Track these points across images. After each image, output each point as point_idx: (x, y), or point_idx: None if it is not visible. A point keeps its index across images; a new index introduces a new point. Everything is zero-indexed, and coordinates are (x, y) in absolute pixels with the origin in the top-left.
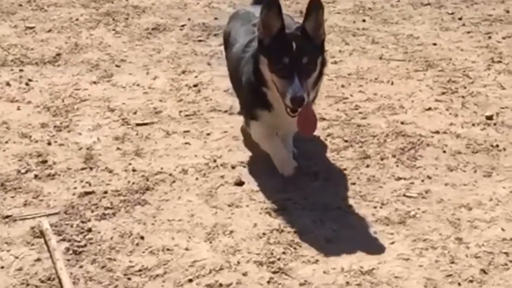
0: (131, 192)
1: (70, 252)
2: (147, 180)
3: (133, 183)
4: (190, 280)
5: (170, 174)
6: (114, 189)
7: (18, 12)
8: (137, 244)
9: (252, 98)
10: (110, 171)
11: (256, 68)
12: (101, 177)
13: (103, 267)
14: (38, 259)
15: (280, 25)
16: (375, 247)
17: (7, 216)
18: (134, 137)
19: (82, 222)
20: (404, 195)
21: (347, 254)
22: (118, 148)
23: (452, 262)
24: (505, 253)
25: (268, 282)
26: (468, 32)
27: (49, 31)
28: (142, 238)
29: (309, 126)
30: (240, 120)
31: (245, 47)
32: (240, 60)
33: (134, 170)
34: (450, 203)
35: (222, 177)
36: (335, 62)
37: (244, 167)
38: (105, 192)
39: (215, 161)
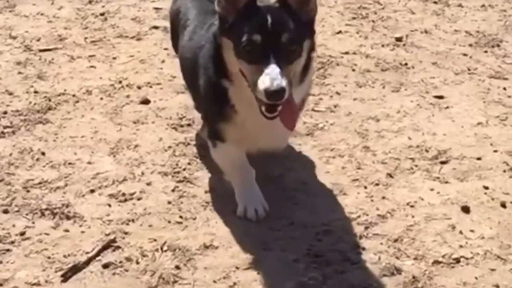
0: (32, 112)
1: None
2: (49, 100)
3: (35, 103)
4: (92, 191)
5: (74, 95)
6: (15, 110)
7: None
8: (37, 160)
9: (212, 104)
10: (10, 93)
11: (217, 56)
12: (1, 99)
13: (0, 181)
14: None
15: None
16: (281, 156)
17: None
18: (37, 62)
19: None
20: (313, 110)
21: (255, 163)
22: (19, 72)
23: (359, 168)
24: (411, 158)
25: (173, 190)
26: None
27: None
28: (43, 154)
29: (292, 119)
30: (149, 44)
31: (203, 31)
32: (196, 51)
33: (36, 92)
34: (358, 116)
35: (127, 96)
36: None
37: (151, 87)
38: (5, 113)
39: (120, 82)
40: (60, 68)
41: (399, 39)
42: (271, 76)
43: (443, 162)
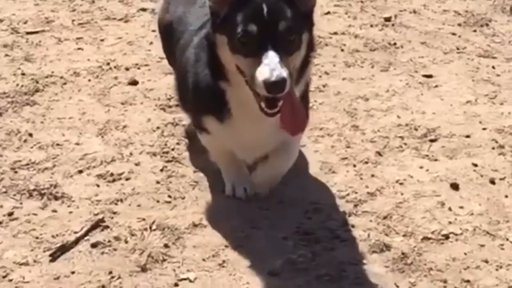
0: (20, 94)
1: None
2: (37, 82)
3: (22, 86)
4: (80, 172)
5: (61, 77)
6: (1, 92)
7: None
8: (25, 141)
9: (206, 106)
10: None
11: (212, 56)
12: None
13: None
14: None
15: None
16: None
17: None
18: (24, 44)
19: None
20: None
21: None
22: (6, 55)
23: (348, 147)
24: (400, 137)
25: (162, 170)
26: None
27: None
28: (30, 135)
29: (295, 121)
30: (137, 26)
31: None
32: (190, 58)
33: (23, 74)
34: (347, 95)
35: (115, 78)
36: None
37: (139, 69)
38: None
39: (108, 64)
40: (48, 50)
41: (387, 19)
42: (270, 67)
43: (432, 140)
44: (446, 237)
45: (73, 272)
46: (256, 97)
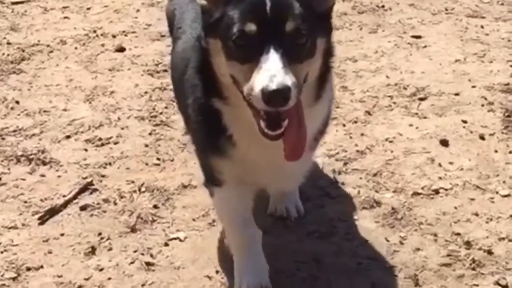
0: (6, 62)
1: None
2: (23, 51)
3: (8, 54)
4: (68, 137)
5: (48, 45)
6: None
7: None
8: (11, 108)
9: (202, 133)
10: None
11: (204, 66)
12: None
13: None
14: None
15: None
16: None
17: None
18: (10, 14)
19: None
20: None
21: None
22: None
23: (337, 107)
24: (389, 96)
25: (150, 134)
26: None
27: None
28: (17, 102)
29: (299, 144)
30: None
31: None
32: (183, 64)
33: (9, 43)
34: (335, 57)
35: (102, 45)
36: None
37: (126, 35)
38: None
39: (95, 31)
40: (33, 19)
41: None
42: (270, 72)
43: (421, 99)
44: (436, 192)
45: (62, 234)
46: (255, 115)
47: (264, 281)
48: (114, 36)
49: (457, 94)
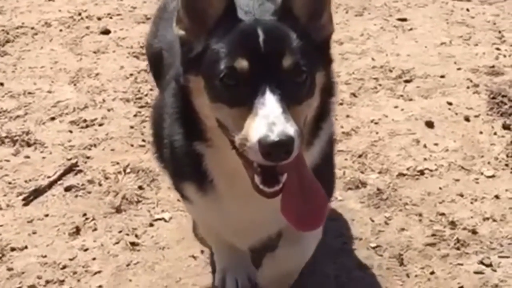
0: None
1: None
2: (7, 33)
3: None
4: (53, 118)
5: (32, 28)
6: None
7: None
8: None
9: (181, 177)
10: None
11: (183, 106)
12: None
13: None
14: None
15: (225, 4)
16: None
17: None
18: None
19: None
20: None
21: None
22: None
23: None
24: (375, 78)
25: (135, 115)
26: None
27: None
28: (1, 84)
29: (306, 207)
30: None
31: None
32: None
33: None
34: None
35: (87, 27)
36: None
37: (111, 18)
38: None
39: (80, 14)
40: (18, 2)
41: None
42: (269, 120)
43: (407, 81)
44: (421, 173)
45: (46, 215)
46: (247, 168)
47: (243, 272)
48: (99, 19)
49: (442, 77)
